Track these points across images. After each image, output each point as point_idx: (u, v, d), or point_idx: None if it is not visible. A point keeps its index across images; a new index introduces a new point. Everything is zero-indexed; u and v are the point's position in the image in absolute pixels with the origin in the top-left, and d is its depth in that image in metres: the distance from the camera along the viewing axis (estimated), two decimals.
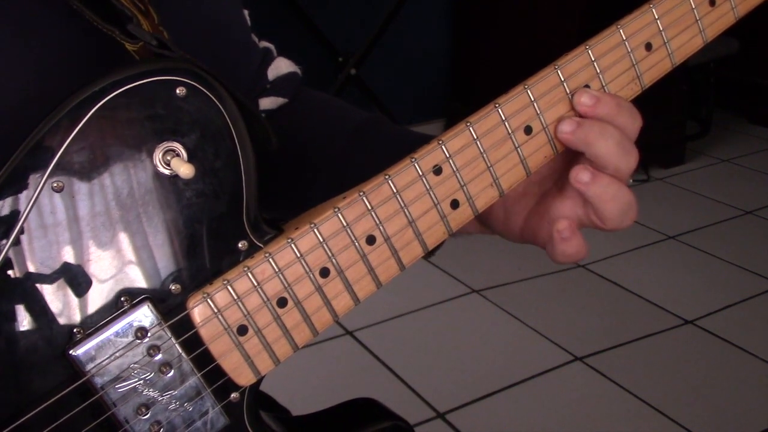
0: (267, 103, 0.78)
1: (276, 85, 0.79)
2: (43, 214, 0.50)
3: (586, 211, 0.61)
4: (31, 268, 0.50)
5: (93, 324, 0.51)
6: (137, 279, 0.52)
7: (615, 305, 2.43)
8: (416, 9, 3.34)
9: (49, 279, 0.50)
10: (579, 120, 0.59)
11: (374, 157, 0.72)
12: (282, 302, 0.55)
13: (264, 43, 0.80)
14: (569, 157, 0.63)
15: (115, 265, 0.52)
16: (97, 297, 0.52)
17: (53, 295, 0.50)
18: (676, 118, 3.34)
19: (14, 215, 0.49)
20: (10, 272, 0.49)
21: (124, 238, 0.52)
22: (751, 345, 2.22)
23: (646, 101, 0.65)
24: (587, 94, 0.59)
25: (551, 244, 0.62)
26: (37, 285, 0.50)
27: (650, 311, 2.39)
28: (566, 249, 0.61)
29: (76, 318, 0.51)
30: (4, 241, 0.49)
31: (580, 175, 0.59)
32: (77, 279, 0.51)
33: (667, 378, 2.09)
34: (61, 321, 0.51)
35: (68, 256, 0.51)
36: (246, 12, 0.77)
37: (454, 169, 0.58)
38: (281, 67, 0.80)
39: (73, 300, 0.51)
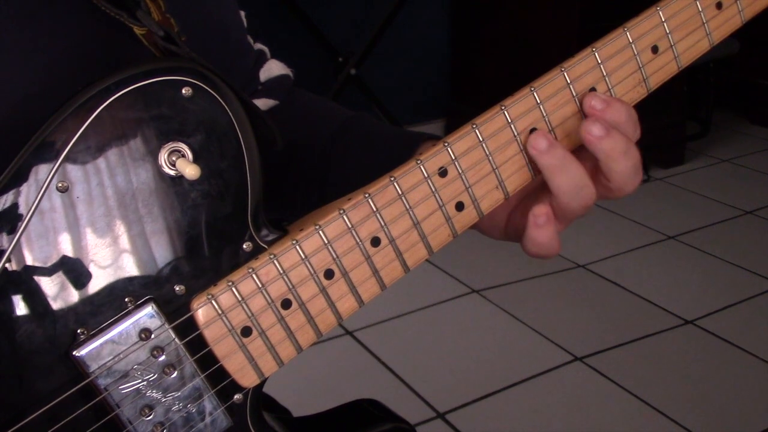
0: (258, 104, 0.78)
1: (267, 87, 0.79)
2: (47, 214, 0.50)
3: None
4: (35, 269, 0.50)
5: (97, 324, 0.51)
6: (141, 280, 0.52)
7: (615, 305, 2.43)
8: (416, 9, 3.33)
9: (52, 279, 0.50)
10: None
11: (352, 156, 0.72)
12: (286, 304, 0.55)
13: (258, 45, 0.80)
14: None
15: (119, 266, 0.52)
16: (101, 297, 0.51)
17: (57, 296, 0.50)
18: (676, 118, 3.34)
19: (18, 215, 0.49)
20: (13, 272, 0.49)
21: (128, 239, 0.52)
22: (751, 345, 2.21)
23: (646, 101, 0.65)
24: (597, 98, 0.59)
25: (525, 232, 0.60)
26: (41, 285, 0.50)
27: (650, 311, 2.39)
28: (537, 236, 0.60)
29: (80, 318, 0.51)
30: (7, 241, 0.49)
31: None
32: (81, 279, 0.51)
33: (667, 378, 2.09)
34: (65, 321, 0.51)
35: (72, 256, 0.50)
36: (243, 13, 0.77)
37: (460, 172, 0.58)
38: (273, 69, 0.80)
39: (77, 300, 0.51)
